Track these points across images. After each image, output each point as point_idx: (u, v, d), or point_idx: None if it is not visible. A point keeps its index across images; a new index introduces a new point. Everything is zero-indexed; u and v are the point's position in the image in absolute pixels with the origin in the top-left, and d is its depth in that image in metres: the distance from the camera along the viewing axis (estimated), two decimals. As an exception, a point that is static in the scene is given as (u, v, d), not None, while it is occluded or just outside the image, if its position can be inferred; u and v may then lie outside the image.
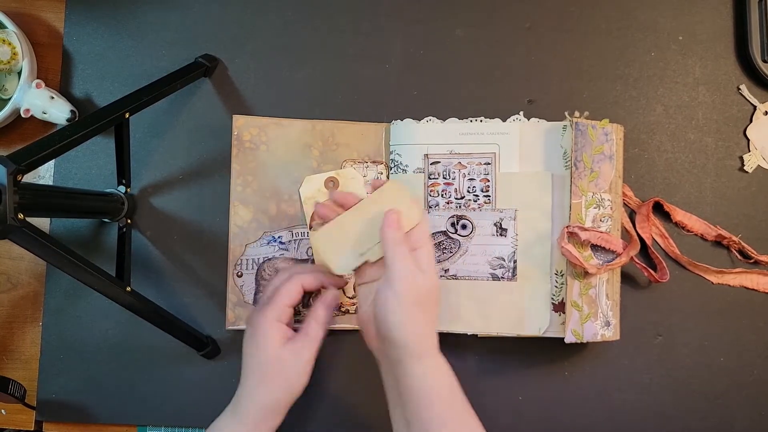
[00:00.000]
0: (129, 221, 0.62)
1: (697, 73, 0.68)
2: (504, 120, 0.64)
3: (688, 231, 0.66)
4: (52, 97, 0.62)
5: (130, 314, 0.56)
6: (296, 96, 0.66)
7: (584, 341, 0.59)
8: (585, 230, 0.59)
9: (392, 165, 0.64)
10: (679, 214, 0.65)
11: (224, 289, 0.64)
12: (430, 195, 0.63)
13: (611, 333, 0.61)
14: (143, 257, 0.65)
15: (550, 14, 0.67)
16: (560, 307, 0.61)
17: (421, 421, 0.48)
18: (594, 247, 0.61)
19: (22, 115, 0.62)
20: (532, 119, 0.64)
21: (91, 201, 0.59)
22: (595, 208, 0.60)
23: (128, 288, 0.55)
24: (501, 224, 0.62)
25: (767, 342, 0.65)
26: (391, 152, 0.64)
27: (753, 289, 0.65)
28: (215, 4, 0.67)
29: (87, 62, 0.66)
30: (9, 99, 0.61)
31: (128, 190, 0.63)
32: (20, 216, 0.44)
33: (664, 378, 0.64)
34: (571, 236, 0.60)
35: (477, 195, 0.63)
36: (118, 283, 0.54)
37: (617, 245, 0.61)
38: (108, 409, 0.64)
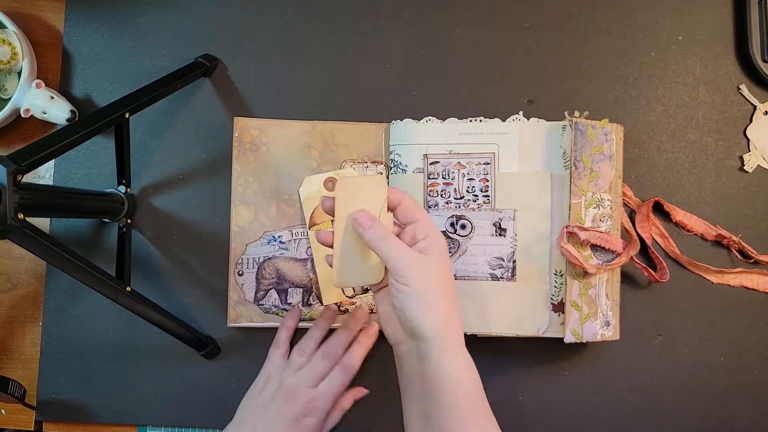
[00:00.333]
0: (129, 221, 0.62)
1: (697, 73, 0.68)
2: (503, 120, 0.64)
3: (688, 231, 0.66)
4: (52, 97, 0.62)
5: (130, 314, 0.56)
6: (296, 96, 0.66)
7: (584, 341, 0.59)
8: (584, 230, 0.59)
9: (392, 165, 0.64)
10: (679, 214, 0.65)
11: (224, 289, 0.64)
12: (430, 195, 0.63)
13: (611, 333, 0.61)
14: (143, 257, 0.65)
15: (550, 14, 0.67)
16: (560, 307, 0.61)
17: (444, 417, 0.47)
18: (594, 247, 0.60)
19: (22, 115, 0.62)
20: (532, 119, 0.64)
21: (91, 201, 0.59)
22: (595, 208, 0.60)
23: (128, 288, 0.55)
24: (500, 224, 0.62)
25: (767, 342, 0.65)
26: (391, 152, 0.64)
27: (753, 289, 0.65)
28: (215, 4, 0.67)
29: (87, 62, 0.66)
30: (9, 99, 0.62)
31: (128, 190, 0.63)
32: (20, 216, 0.44)
33: (664, 378, 0.64)
34: (571, 236, 0.59)
35: (476, 195, 0.63)
36: (118, 283, 0.54)
37: (617, 245, 0.61)
38: (108, 409, 0.64)
